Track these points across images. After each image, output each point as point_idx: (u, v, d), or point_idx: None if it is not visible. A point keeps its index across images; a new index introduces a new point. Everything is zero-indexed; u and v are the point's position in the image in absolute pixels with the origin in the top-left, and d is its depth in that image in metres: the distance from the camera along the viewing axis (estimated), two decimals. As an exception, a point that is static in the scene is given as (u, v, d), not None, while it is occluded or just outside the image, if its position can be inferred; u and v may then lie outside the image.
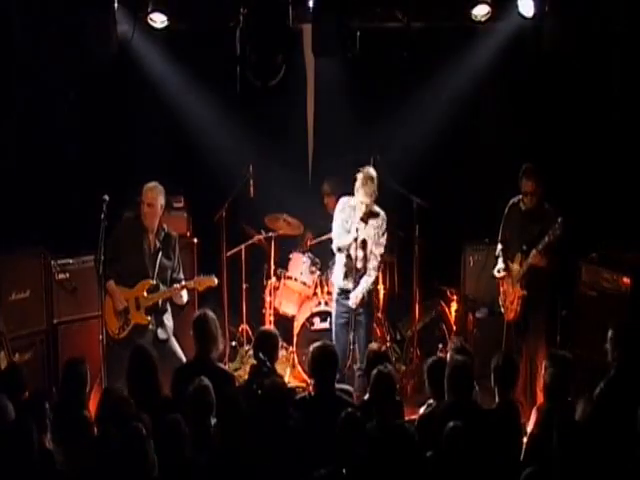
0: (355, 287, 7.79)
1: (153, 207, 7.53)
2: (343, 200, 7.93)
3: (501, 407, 6.06)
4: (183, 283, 7.62)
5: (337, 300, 8.05)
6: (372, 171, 7.71)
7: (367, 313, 7.95)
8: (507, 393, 6.12)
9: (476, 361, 6.46)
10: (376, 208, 7.85)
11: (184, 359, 7.48)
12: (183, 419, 5.35)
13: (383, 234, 7.86)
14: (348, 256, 7.81)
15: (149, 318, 7.53)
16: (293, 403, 5.90)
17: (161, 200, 7.59)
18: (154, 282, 7.53)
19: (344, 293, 7.92)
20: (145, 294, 7.52)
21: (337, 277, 8.05)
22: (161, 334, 7.59)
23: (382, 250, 7.91)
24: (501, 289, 8.04)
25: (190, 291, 7.87)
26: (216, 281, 7.70)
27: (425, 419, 6.08)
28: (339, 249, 7.88)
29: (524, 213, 7.88)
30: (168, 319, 7.70)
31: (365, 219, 7.77)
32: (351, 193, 7.80)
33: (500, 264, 8.03)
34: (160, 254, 7.57)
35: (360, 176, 7.66)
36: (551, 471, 5.17)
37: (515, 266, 7.87)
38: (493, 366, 6.18)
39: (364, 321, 7.89)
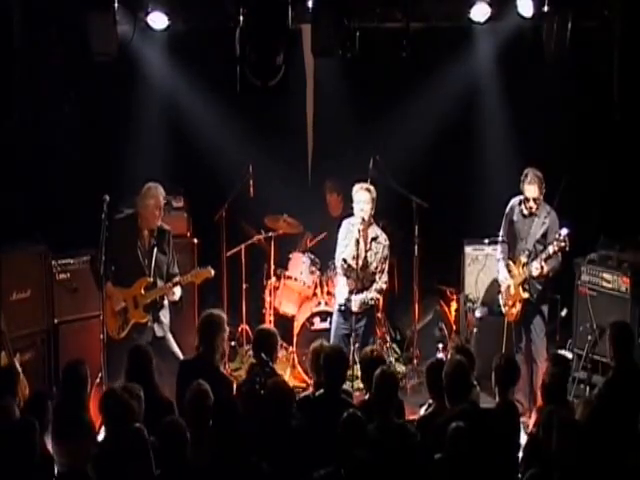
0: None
1: (162, 209, 7.57)
2: (345, 221, 8.04)
3: (501, 407, 6.07)
4: (178, 278, 7.61)
5: (337, 311, 8.09)
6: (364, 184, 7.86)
7: (368, 324, 8.01)
8: (507, 393, 6.12)
9: (476, 361, 6.46)
10: (377, 230, 7.91)
11: (181, 356, 7.49)
12: (184, 421, 5.36)
13: (385, 259, 7.93)
14: (350, 272, 7.85)
15: (148, 316, 7.53)
16: (296, 403, 5.90)
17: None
18: (151, 280, 7.52)
19: (345, 306, 7.99)
20: (143, 292, 7.51)
21: (339, 293, 8.11)
22: (158, 331, 7.60)
23: (386, 278, 8.02)
24: (503, 289, 8.03)
25: (188, 285, 7.87)
26: (212, 272, 7.70)
27: (425, 419, 6.08)
28: (344, 260, 7.90)
29: (526, 217, 7.86)
30: (165, 316, 7.69)
31: (365, 239, 7.82)
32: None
33: (504, 272, 8.01)
34: (155, 250, 7.56)
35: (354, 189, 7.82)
36: (551, 471, 5.18)
37: (516, 270, 7.87)
38: (494, 366, 6.18)
39: (363, 330, 7.94)
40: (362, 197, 7.79)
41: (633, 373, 6.46)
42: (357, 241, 7.70)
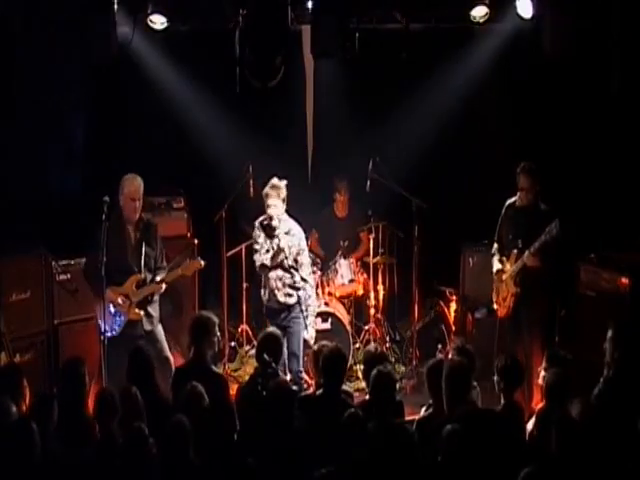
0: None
1: (139, 201, 7.51)
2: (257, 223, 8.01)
3: (506, 408, 6.06)
4: (164, 274, 7.57)
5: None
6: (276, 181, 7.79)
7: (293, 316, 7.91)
8: (512, 394, 6.11)
9: (476, 362, 6.46)
10: (289, 224, 7.86)
11: (168, 350, 7.57)
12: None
13: (301, 252, 7.85)
14: (268, 271, 7.81)
15: (141, 313, 7.51)
16: (297, 403, 5.92)
17: (142, 191, 7.59)
18: (142, 276, 7.51)
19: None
20: (135, 289, 7.50)
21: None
22: (146, 325, 7.56)
23: (308, 270, 7.96)
24: (494, 285, 8.03)
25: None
26: (203, 263, 7.68)
27: (425, 420, 6.09)
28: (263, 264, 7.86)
29: (519, 210, 7.83)
30: (155, 309, 7.65)
31: (279, 235, 7.76)
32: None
33: (497, 265, 8.00)
34: (143, 245, 7.52)
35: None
36: (550, 471, 5.19)
37: (509, 264, 7.86)
38: (498, 367, 6.17)
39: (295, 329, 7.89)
40: (273, 193, 7.75)
41: (633, 373, 6.46)
42: (272, 237, 7.66)
